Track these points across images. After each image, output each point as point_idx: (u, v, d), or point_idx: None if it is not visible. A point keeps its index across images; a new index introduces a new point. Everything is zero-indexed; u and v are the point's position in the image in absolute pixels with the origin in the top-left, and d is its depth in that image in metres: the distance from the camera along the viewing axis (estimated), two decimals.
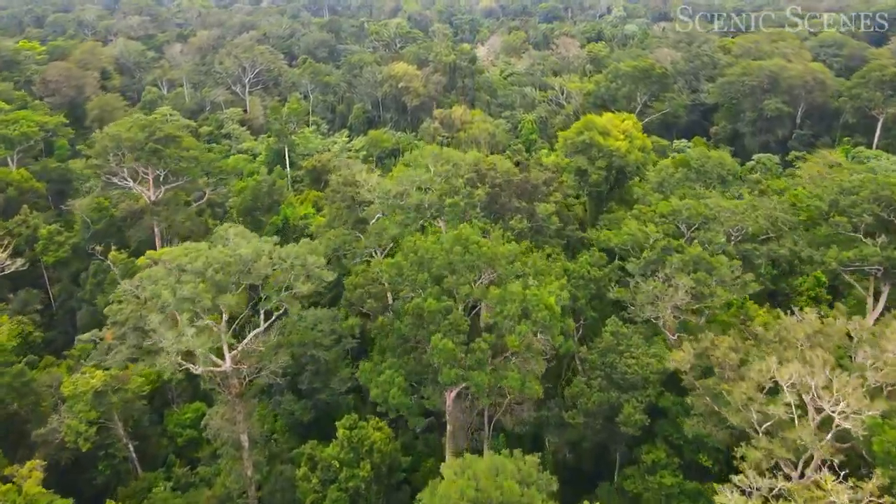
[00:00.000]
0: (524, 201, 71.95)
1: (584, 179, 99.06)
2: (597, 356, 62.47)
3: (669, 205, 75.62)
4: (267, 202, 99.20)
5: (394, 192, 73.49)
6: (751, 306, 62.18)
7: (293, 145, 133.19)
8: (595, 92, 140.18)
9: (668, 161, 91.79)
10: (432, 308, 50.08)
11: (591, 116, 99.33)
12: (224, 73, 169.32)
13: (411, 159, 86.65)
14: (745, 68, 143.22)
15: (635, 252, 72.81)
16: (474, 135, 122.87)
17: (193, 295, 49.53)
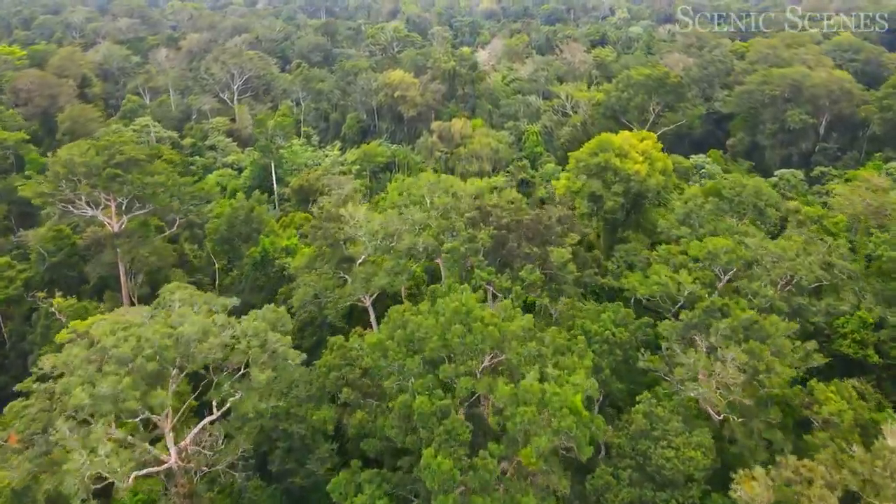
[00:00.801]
0: (535, 245, 59.52)
1: (598, 205, 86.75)
2: (626, 440, 50.18)
3: (704, 246, 63.10)
4: (245, 231, 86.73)
5: (382, 234, 61.05)
6: (816, 385, 49.77)
7: (280, 160, 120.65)
8: (605, 102, 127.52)
9: (696, 189, 79.24)
10: (424, 409, 37.73)
11: (607, 136, 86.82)
12: (211, 80, 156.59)
13: (405, 187, 74.23)
14: (766, 76, 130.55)
15: (665, 302, 60.46)
16: (475, 150, 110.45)
17: (115, 393, 37.21)
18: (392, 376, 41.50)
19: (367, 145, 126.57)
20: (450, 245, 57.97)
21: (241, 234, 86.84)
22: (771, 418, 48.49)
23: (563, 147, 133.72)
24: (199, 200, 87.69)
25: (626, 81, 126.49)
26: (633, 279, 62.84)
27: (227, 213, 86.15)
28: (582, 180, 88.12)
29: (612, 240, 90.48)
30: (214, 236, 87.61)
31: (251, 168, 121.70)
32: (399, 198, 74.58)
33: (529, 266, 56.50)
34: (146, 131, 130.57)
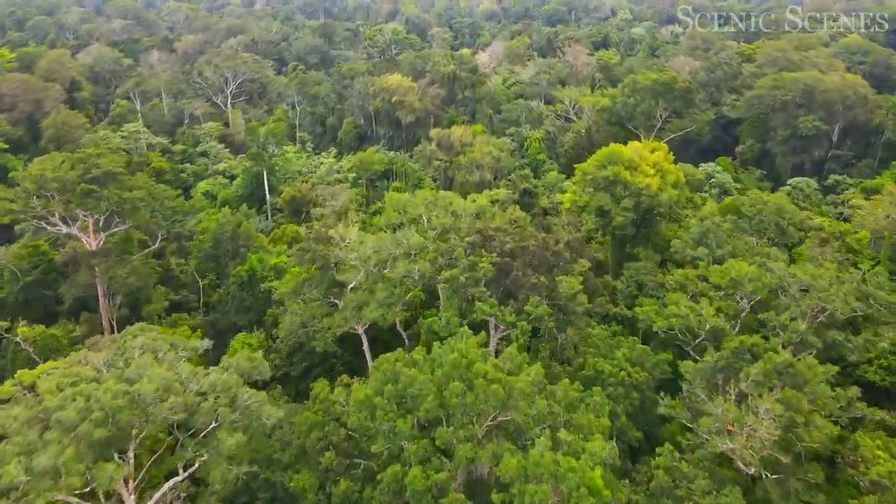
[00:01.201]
0: (542, 272, 53.51)
1: (605, 220, 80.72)
2: (644, 498, 44.26)
3: (726, 272, 57.07)
4: (231, 247, 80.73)
5: (375, 260, 55.04)
6: (862, 440, 43.69)
7: (273, 168, 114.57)
8: (610, 108, 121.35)
9: (713, 206, 73.03)
10: (418, 486, 31.82)
11: (616, 147, 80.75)
12: (204, 84, 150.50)
13: (401, 204, 68.16)
14: (777, 81, 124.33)
15: (685, 335, 54.50)
16: (476, 159, 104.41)
17: (55, 466, 31.23)
18: (381, 438, 35.61)
19: (364, 152, 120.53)
20: (449, 273, 51.97)
21: (227, 250, 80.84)
22: (810, 477, 42.56)
23: (567, 154, 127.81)
24: (183, 215, 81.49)
25: (632, 86, 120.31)
26: (648, 308, 56.81)
27: (213, 228, 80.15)
28: (589, 194, 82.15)
29: (620, 256, 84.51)
30: (199, 253, 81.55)
31: (243, 176, 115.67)
32: (395, 215, 68.56)
33: (536, 298, 50.49)
34: (135, 138, 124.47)
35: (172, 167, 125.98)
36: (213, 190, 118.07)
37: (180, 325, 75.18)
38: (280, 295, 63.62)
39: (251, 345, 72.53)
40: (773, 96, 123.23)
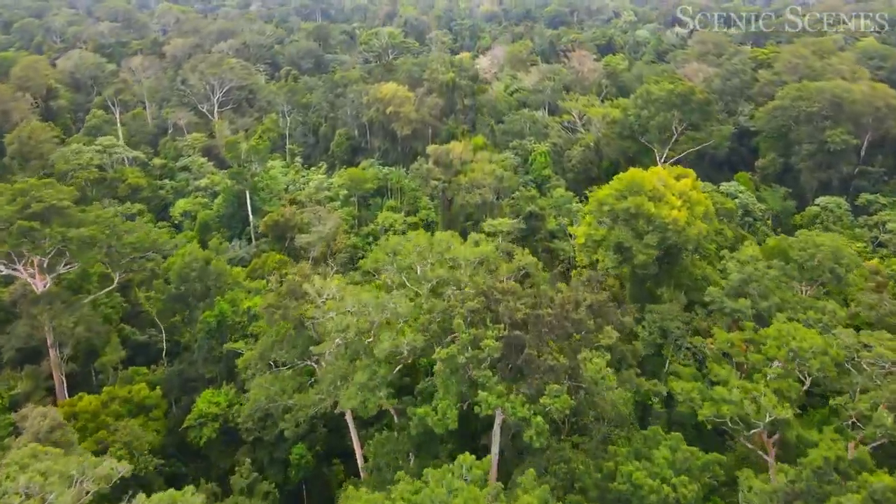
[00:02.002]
0: (560, 349, 42.14)
1: (625, 256, 69.25)
2: None
3: (782, 340, 45.62)
4: (199, 287, 69.31)
5: (355, 330, 43.62)
6: None
7: (257, 187, 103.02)
8: (622, 120, 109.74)
9: (755, 249, 61.51)
10: None
11: (638, 175, 69.19)
12: (188, 92, 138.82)
13: (392, 247, 56.67)
14: (801, 91, 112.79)
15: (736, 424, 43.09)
16: (476, 178, 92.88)
17: None
18: None
19: (355, 169, 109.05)
20: (446, 353, 40.60)
21: (195, 290, 69.38)
22: None
23: (574, 169, 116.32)
24: (142, 252, 69.94)
25: (645, 98, 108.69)
26: (689, 387, 45.35)
27: (177, 267, 68.62)
28: (605, 226, 70.67)
29: (640, 294, 73.08)
30: (162, 295, 70.17)
31: (224, 195, 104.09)
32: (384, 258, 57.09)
33: (555, 387, 39.12)
34: (110, 152, 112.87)
35: (150, 183, 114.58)
36: (193, 209, 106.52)
37: (137, 381, 63.92)
38: (245, 362, 52.24)
39: (218, 403, 61.58)
40: (797, 107, 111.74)
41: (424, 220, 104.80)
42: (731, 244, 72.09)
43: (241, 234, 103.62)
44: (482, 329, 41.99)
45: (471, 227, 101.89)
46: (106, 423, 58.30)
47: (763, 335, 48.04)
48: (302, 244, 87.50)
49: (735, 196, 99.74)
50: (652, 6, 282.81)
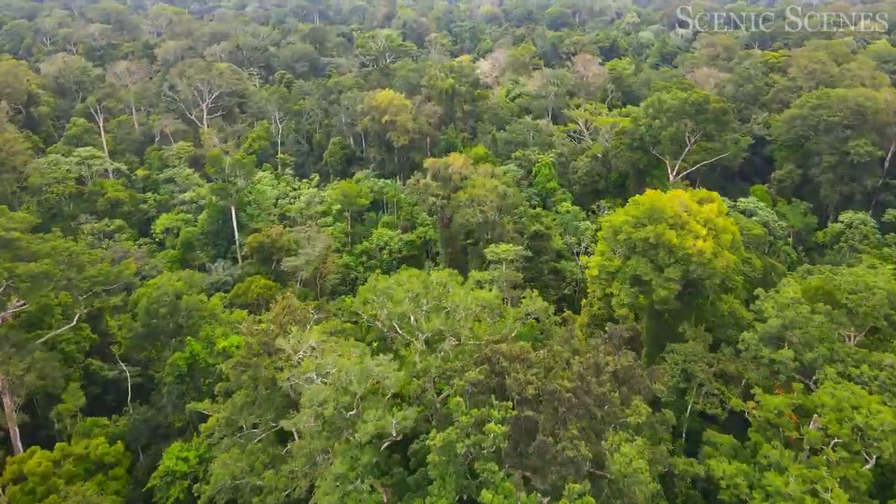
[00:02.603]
0: (581, 430, 34.15)
1: (643, 290, 61.28)
2: None
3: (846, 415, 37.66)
4: (170, 326, 61.34)
5: (332, 406, 35.64)
6: None
7: (243, 203, 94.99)
8: (631, 131, 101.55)
9: (796, 289, 53.35)
10: None
11: (657, 198, 61.08)
12: (176, 98, 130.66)
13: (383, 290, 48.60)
14: (821, 99, 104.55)
15: None
16: (477, 195, 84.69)
17: None
18: None
19: (347, 183, 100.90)
20: (441, 439, 32.65)
21: (164, 329, 61.40)
22: None
23: (581, 181, 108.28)
24: (107, 285, 61.92)
25: (657, 107, 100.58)
26: (731, 470, 37.37)
27: (144, 304, 60.56)
28: (620, 256, 62.66)
29: (658, 330, 65.23)
30: (128, 333, 62.18)
31: (209, 211, 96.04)
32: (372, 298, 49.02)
33: (576, 487, 31.15)
34: (88, 163, 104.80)
35: (132, 196, 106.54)
36: (176, 226, 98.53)
37: (96, 434, 55.94)
38: (208, 430, 44.30)
39: (187, 459, 53.63)
40: (817, 116, 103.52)
41: (422, 238, 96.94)
42: (761, 275, 64.02)
43: (227, 252, 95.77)
44: (486, 408, 33.97)
45: (471, 246, 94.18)
46: (57, 487, 50.50)
47: (816, 401, 40.05)
48: (289, 269, 79.54)
49: (754, 213, 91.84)
50: (655, 6, 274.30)
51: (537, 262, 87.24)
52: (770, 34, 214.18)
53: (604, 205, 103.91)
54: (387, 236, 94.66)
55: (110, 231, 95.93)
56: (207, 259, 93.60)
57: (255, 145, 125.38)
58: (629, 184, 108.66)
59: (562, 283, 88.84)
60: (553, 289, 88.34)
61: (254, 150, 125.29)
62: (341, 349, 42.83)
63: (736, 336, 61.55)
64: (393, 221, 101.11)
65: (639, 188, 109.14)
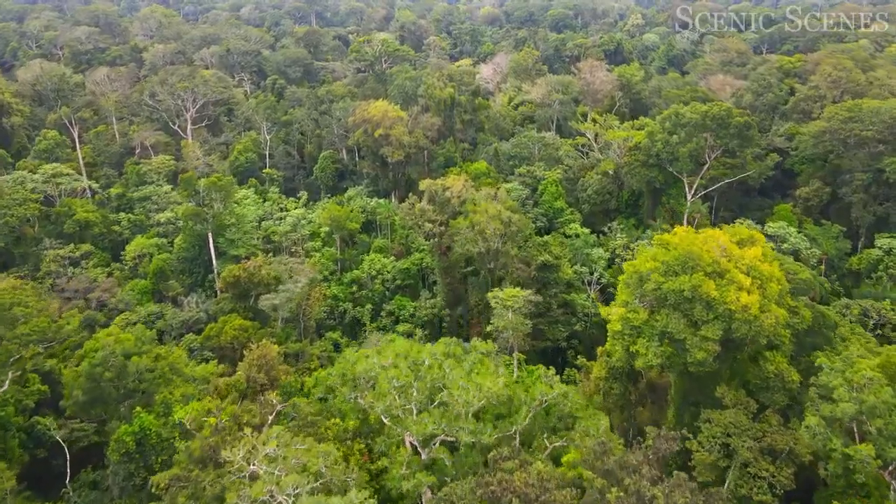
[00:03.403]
0: None
1: (676, 350, 51.10)
2: None
3: None
4: (118, 392, 51.09)
5: None
6: None
7: (222, 226, 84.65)
8: (647, 147, 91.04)
9: (868, 363, 42.94)
10: None
11: (692, 243, 50.77)
12: (157, 108, 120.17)
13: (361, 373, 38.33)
14: (853, 111, 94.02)
15: None
16: (479, 222, 74.32)
17: None
18: None
19: (336, 206, 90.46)
20: None
21: (111, 396, 51.15)
22: None
23: (591, 200, 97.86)
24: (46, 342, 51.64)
25: (675, 120, 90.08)
26: None
27: (86, 368, 50.25)
28: (647, 306, 52.39)
29: (691, 391, 55.03)
30: (69, 401, 51.90)
31: (184, 237, 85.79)
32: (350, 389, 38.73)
33: None
34: (55, 181, 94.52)
35: (104, 217, 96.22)
36: (148, 250, 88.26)
37: None
38: None
39: None
40: (847, 130, 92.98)
41: (418, 265, 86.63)
42: (810, 326, 53.71)
43: (204, 280, 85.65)
44: None
45: (472, 276, 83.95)
46: None
47: None
48: (268, 308, 69.23)
49: (784, 239, 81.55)
50: (659, 7, 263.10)
51: (546, 294, 77.05)
52: (778, 36, 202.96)
53: (616, 226, 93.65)
54: (379, 264, 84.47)
55: (77, 257, 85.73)
56: (181, 289, 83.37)
57: (241, 158, 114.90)
58: (643, 203, 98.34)
59: (572, 318, 78.67)
60: (563, 324, 78.20)
61: (240, 163, 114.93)
62: (308, 454, 32.63)
63: (783, 400, 51.65)
64: (386, 246, 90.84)
65: (653, 208, 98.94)
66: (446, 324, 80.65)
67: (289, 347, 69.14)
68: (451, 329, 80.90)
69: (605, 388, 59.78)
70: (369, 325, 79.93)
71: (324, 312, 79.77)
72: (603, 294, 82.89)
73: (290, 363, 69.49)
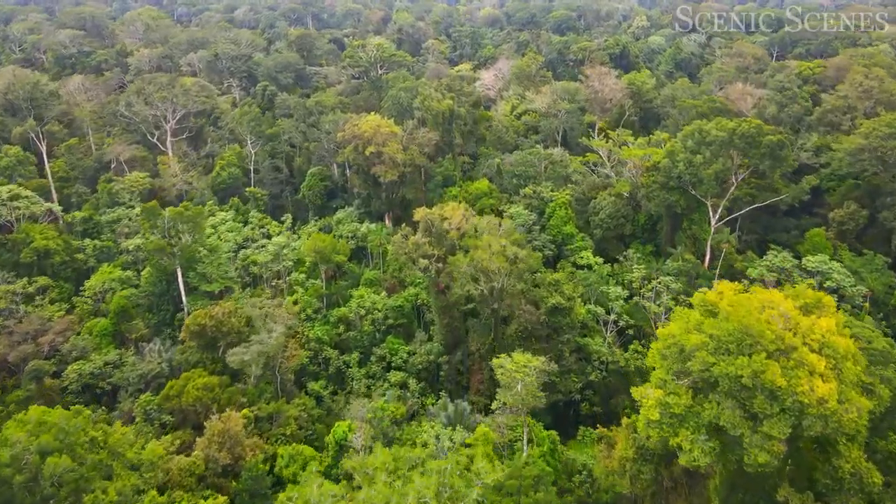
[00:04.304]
0: None
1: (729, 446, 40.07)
2: None
3: None
4: (32, 500, 40.00)
5: None
6: None
7: (193, 259, 73.52)
8: (666, 168, 79.72)
9: None
10: None
11: (745, 310, 39.85)
12: (134, 119, 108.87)
13: None
14: (892, 126, 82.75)
15: None
16: (481, 261, 63.16)
17: None
18: None
19: (321, 235, 79.25)
20: None
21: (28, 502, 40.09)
22: None
23: (603, 225, 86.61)
24: None
25: (698, 138, 78.82)
26: None
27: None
28: (689, 386, 41.31)
29: (739, 483, 43.91)
30: None
31: (150, 270, 74.69)
32: None
33: None
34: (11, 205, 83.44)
35: (66, 244, 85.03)
36: (110, 284, 77.15)
37: None
38: None
39: None
40: (889, 148, 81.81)
41: (412, 302, 75.50)
42: (889, 407, 42.64)
43: (173, 319, 74.47)
44: None
45: (471, 318, 72.82)
46: None
47: None
48: (237, 365, 58.15)
49: (827, 273, 70.36)
50: (663, 9, 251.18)
51: (557, 341, 66.03)
52: (789, 39, 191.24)
53: (631, 255, 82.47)
54: (369, 301, 73.33)
55: (28, 293, 74.70)
56: (146, 329, 72.39)
57: (223, 174, 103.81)
58: (661, 228, 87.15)
59: (587, 367, 67.63)
60: (576, 374, 67.20)
61: (222, 179, 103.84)
62: None
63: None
64: (378, 278, 79.70)
65: (673, 233, 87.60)
66: (444, 372, 69.59)
67: (261, 409, 58.29)
68: (449, 377, 69.91)
69: (633, 470, 48.73)
70: (357, 373, 68.98)
71: (307, 357, 68.83)
72: (620, 337, 71.79)
73: (262, 427, 58.77)
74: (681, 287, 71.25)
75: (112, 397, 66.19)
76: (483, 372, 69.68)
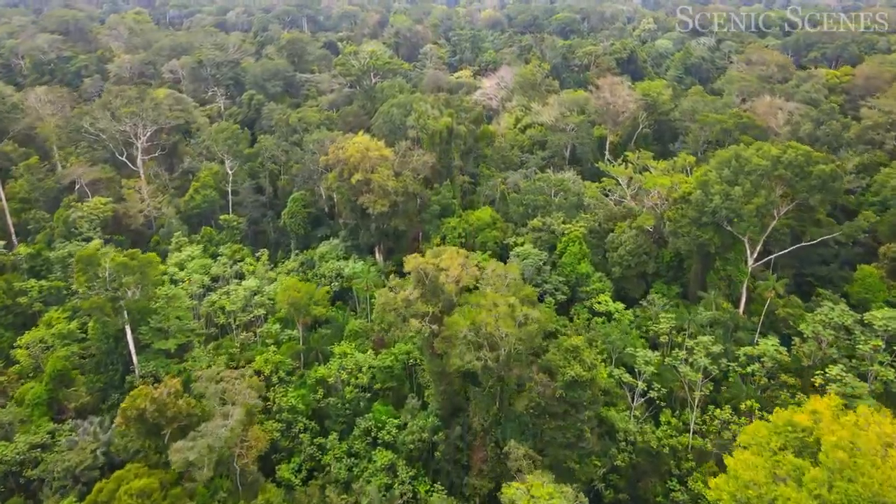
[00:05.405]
0: None
1: None
2: None
3: None
4: None
5: None
6: None
7: (145, 313, 60.37)
8: (699, 201, 66.36)
9: None
10: None
11: (869, 463, 26.29)
12: (100, 135, 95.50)
13: None
14: None
15: None
16: (484, 325, 50.07)
17: None
18: None
19: (296, 282, 65.91)
20: None
21: None
22: None
23: (622, 262, 73.24)
24: None
25: (736, 167, 65.56)
26: None
27: None
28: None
29: None
30: None
31: (94, 326, 61.57)
32: None
33: None
34: None
35: (8, 285, 71.86)
36: (51, 340, 63.96)
37: None
38: None
39: None
40: None
41: (404, 361, 62.38)
42: None
43: (122, 381, 61.32)
44: None
45: (472, 387, 59.70)
46: None
47: None
48: (179, 466, 45.05)
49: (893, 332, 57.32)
50: (668, 10, 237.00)
51: (576, 419, 53.05)
52: (804, 42, 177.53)
53: (655, 299, 69.37)
54: (353, 362, 60.32)
55: None
56: (88, 396, 59.38)
57: (197, 198, 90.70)
58: (689, 266, 73.87)
59: (611, 447, 54.70)
60: (598, 456, 54.33)
61: (195, 203, 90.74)
62: None
63: None
64: (364, 328, 66.56)
65: (703, 274, 74.11)
66: (440, 450, 56.55)
67: None
68: (446, 456, 56.84)
69: None
70: (338, 449, 56.07)
71: (278, 432, 55.95)
72: (650, 407, 58.71)
73: None
74: (720, 348, 58.13)
75: (41, 484, 53.36)
76: (486, 449, 56.77)
